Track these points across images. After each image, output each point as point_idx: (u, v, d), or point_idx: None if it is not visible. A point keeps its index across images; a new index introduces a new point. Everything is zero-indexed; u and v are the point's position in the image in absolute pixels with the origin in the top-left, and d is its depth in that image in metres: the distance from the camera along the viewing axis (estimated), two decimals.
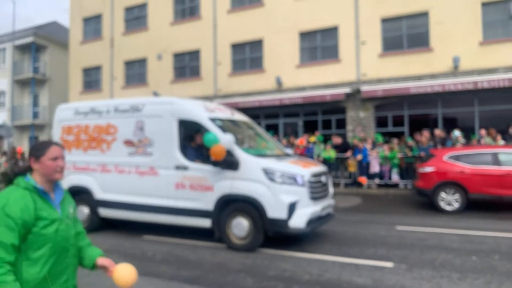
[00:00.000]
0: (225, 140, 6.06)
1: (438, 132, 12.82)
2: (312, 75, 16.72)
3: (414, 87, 14.14)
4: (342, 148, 13.71)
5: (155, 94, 20.43)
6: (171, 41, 20.47)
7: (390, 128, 15.51)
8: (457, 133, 11.96)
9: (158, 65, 20.91)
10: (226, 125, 6.94)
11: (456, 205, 9.12)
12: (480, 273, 4.82)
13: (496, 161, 8.99)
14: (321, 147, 14.10)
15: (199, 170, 6.41)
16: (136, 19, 22.12)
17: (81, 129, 7.79)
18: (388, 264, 5.21)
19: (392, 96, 14.81)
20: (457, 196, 9.13)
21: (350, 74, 16.07)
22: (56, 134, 8.15)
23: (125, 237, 7.16)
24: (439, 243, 6.30)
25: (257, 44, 18.29)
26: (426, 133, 12.71)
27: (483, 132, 12.07)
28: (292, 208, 5.76)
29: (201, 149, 6.76)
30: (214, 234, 6.27)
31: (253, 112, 17.77)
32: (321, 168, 6.86)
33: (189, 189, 6.44)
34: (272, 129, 17.44)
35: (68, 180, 7.65)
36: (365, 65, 15.83)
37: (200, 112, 6.75)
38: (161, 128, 6.81)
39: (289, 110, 17.18)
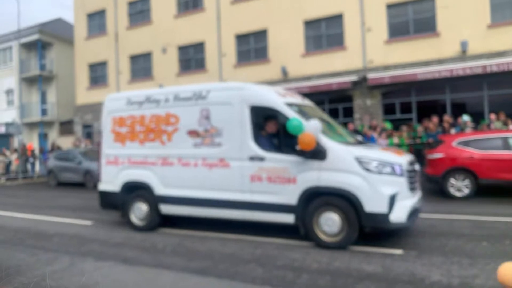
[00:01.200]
0: (311, 127, 5.43)
1: (447, 118, 12.69)
2: (317, 64, 16.60)
3: (422, 73, 13.97)
4: None
5: (162, 88, 20.45)
6: (175, 34, 20.43)
7: (398, 115, 15.38)
8: (466, 117, 11.82)
9: (163, 59, 20.90)
10: (302, 111, 6.26)
11: (466, 191, 9.05)
12: (491, 258, 4.79)
13: (506, 145, 8.88)
14: None
15: (278, 160, 5.81)
16: (139, 13, 22.09)
17: (135, 120, 7.16)
18: (398, 251, 5.20)
19: (399, 82, 14.64)
20: (466, 182, 9.07)
21: (356, 62, 15.91)
22: (107, 126, 7.54)
23: (136, 229, 7.23)
24: (449, 229, 6.27)
25: (261, 34, 18.17)
26: (434, 119, 12.59)
27: (493, 116, 11.91)
28: (392, 200, 5.20)
29: (273, 137, 6.28)
30: (299, 230, 5.75)
31: None
32: (411, 156, 6.22)
33: (267, 182, 5.84)
34: None
35: (124, 175, 7.22)
36: (371, 52, 15.65)
37: (275, 97, 6.14)
38: (231, 116, 6.20)
39: None
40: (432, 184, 9.95)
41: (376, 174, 5.29)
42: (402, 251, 5.20)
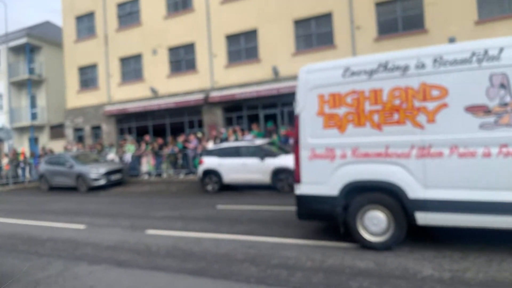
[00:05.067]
0: None
1: None
2: (308, 62, 16.54)
3: None
4: None
5: (153, 90, 20.40)
6: (165, 35, 20.37)
7: None
8: None
9: (153, 60, 20.82)
10: None
11: None
12: (481, 251, 4.86)
13: None
14: None
15: None
16: (129, 14, 21.98)
17: (362, 96, 5.36)
18: None
19: None
20: None
21: None
22: (309, 108, 5.69)
23: (129, 232, 7.22)
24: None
25: (251, 34, 18.20)
26: None
27: None
28: None
29: None
30: None
31: (251, 103, 17.84)
32: None
33: None
34: (271, 118, 17.45)
35: (346, 173, 5.39)
36: (361, 50, 15.75)
37: None
38: None
39: (287, 98, 17.11)
40: None
41: None
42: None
